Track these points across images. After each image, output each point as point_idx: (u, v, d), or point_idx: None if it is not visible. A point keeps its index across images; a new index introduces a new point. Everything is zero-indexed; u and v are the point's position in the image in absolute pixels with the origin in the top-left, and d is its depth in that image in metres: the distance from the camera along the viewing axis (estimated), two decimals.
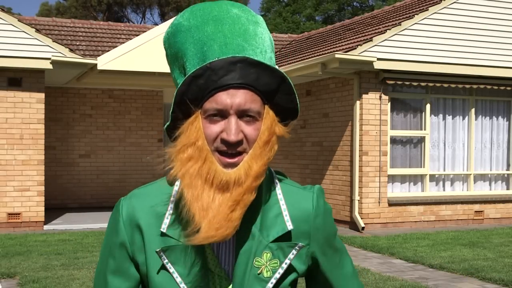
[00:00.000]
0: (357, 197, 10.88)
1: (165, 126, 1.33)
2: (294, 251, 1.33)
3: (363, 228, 10.75)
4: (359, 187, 10.87)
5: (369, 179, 10.87)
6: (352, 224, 11.04)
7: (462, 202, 11.68)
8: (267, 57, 1.32)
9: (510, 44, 11.75)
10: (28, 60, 10.40)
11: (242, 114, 1.25)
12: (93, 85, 13.80)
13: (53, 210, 13.03)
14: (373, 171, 10.91)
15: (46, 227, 10.92)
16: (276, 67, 1.31)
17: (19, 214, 10.62)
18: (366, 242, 9.49)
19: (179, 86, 1.28)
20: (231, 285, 1.31)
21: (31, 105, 10.65)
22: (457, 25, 11.39)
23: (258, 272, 1.30)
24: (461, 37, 11.40)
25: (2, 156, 10.50)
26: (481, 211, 11.84)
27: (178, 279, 1.29)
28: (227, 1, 1.35)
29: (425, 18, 11.16)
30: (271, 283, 1.30)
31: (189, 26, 1.31)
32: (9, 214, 10.56)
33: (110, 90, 14.47)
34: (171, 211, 1.33)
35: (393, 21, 11.98)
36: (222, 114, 1.25)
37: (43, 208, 10.78)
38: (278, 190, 1.38)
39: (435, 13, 11.26)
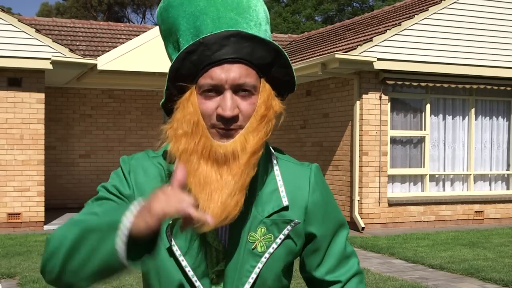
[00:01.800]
0: (357, 197, 10.88)
1: (161, 103, 1.32)
2: (289, 227, 1.32)
3: (363, 228, 10.76)
4: (359, 187, 10.87)
5: (369, 179, 10.87)
6: (352, 224, 11.04)
7: (462, 202, 11.68)
8: (262, 29, 1.31)
9: (510, 44, 11.75)
10: (28, 60, 10.39)
11: (238, 89, 1.24)
12: (93, 85, 13.80)
13: (53, 210, 13.03)
14: (373, 171, 10.91)
15: (46, 227, 10.92)
16: (271, 39, 1.29)
17: (19, 214, 10.62)
18: (366, 242, 9.49)
19: (172, 62, 1.27)
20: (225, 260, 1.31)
21: (31, 105, 10.65)
22: (457, 25, 11.39)
23: (252, 247, 1.30)
24: (461, 37, 11.40)
25: (2, 156, 10.50)
26: (481, 211, 11.84)
27: (178, 252, 1.29)
28: None
29: (425, 18, 11.15)
30: (265, 257, 1.30)
31: (181, 0, 1.30)
32: (9, 214, 10.56)
33: (110, 90, 14.47)
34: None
35: (393, 21, 11.98)
36: (217, 89, 1.24)
37: (43, 208, 10.78)
38: (276, 166, 1.36)
39: (435, 13, 11.26)
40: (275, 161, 1.37)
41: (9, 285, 6.62)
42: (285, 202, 1.32)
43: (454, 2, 11.40)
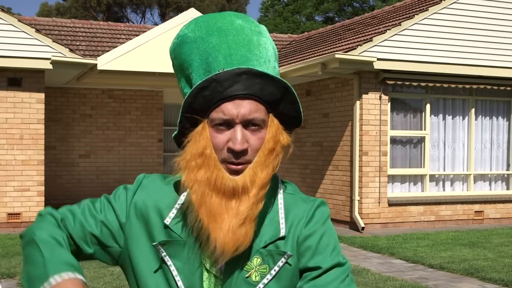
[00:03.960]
0: (357, 197, 10.88)
1: (173, 135, 1.36)
2: (283, 259, 1.33)
3: (363, 228, 10.75)
4: (359, 187, 10.87)
5: (369, 179, 10.88)
6: (352, 224, 11.04)
7: (462, 202, 11.68)
8: (271, 66, 1.36)
9: (510, 44, 11.75)
10: (28, 60, 10.39)
11: (247, 123, 1.29)
12: (93, 85, 13.80)
13: None
14: (373, 171, 10.91)
15: None
16: (279, 77, 1.34)
17: (19, 214, 10.62)
18: (366, 242, 9.49)
19: (185, 97, 1.31)
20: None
21: (31, 105, 10.65)
22: (457, 25, 11.39)
23: (247, 275, 1.32)
24: (461, 37, 11.40)
25: (2, 156, 10.50)
26: (481, 211, 11.84)
27: (175, 272, 1.32)
28: (231, 12, 1.39)
29: (425, 18, 11.16)
30: (259, 287, 1.32)
31: (194, 37, 1.35)
32: (9, 214, 10.56)
33: (110, 90, 14.47)
34: (177, 207, 1.36)
35: (393, 21, 11.98)
36: (228, 123, 1.29)
37: (43, 208, 10.76)
38: (281, 199, 1.39)
39: (435, 13, 11.26)
40: (280, 195, 1.40)
41: (9, 285, 6.62)
42: (282, 233, 1.34)
43: (454, 2, 11.40)
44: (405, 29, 11.01)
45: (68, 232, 1.37)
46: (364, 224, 10.78)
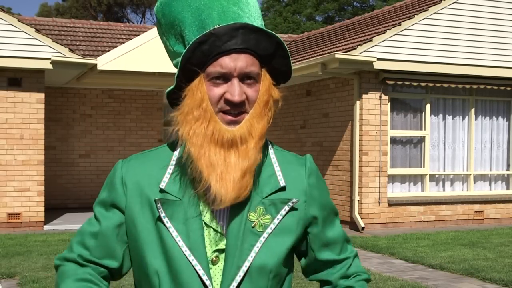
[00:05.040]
0: (357, 197, 10.88)
1: (167, 90, 1.38)
2: (286, 207, 1.37)
3: (363, 228, 10.75)
4: (359, 187, 10.87)
5: (369, 179, 10.87)
6: (352, 224, 11.04)
7: (462, 202, 11.68)
8: (259, 24, 1.40)
9: (510, 44, 11.75)
10: (28, 60, 10.39)
11: (244, 76, 1.33)
12: (93, 85, 13.80)
13: (53, 210, 13.03)
14: (373, 171, 10.91)
15: (46, 227, 10.92)
16: (272, 32, 1.39)
17: (19, 214, 10.62)
18: (366, 242, 9.49)
19: (184, 52, 1.34)
20: (225, 239, 1.35)
21: (31, 105, 10.65)
22: (457, 25, 11.39)
23: (252, 225, 1.35)
24: (461, 37, 11.39)
25: (2, 156, 10.50)
26: (481, 211, 11.84)
27: (175, 233, 1.34)
28: None
29: (425, 18, 11.15)
30: (263, 237, 1.34)
31: None
32: (9, 214, 10.56)
33: (110, 90, 14.48)
34: (170, 171, 1.38)
35: (393, 21, 11.98)
36: (225, 77, 1.33)
37: (43, 208, 10.78)
38: (272, 154, 1.45)
39: (435, 13, 11.26)
40: (271, 150, 1.46)
41: (9, 285, 6.62)
42: (282, 183, 1.39)
43: (454, 2, 11.40)
44: (405, 29, 11.01)
45: (91, 261, 1.40)
46: (364, 224, 10.78)
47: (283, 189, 1.39)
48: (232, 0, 1.37)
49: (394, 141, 11.35)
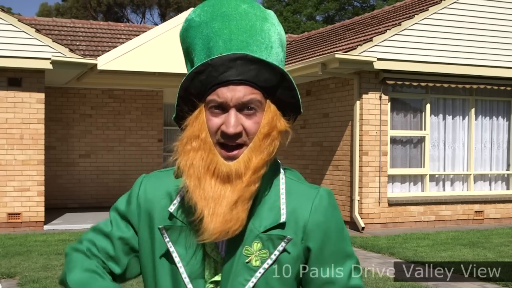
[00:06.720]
0: (357, 197, 10.88)
1: (173, 117, 1.39)
2: (283, 244, 1.33)
3: (363, 228, 10.75)
4: (359, 187, 10.87)
5: (369, 179, 10.87)
6: (352, 224, 11.04)
7: (462, 202, 11.68)
8: (273, 52, 1.35)
9: (510, 44, 11.74)
10: (28, 60, 10.39)
11: (243, 107, 1.30)
12: (93, 85, 13.80)
13: (53, 210, 13.03)
14: (373, 171, 10.90)
15: (46, 227, 10.92)
16: (276, 64, 1.33)
17: (19, 214, 10.62)
18: (366, 242, 9.49)
19: (182, 80, 1.33)
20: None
21: (31, 105, 10.65)
22: (457, 25, 11.39)
23: (247, 260, 1.32)
24: (461, 37, 11.39)
25: (2, 156, 10.50)
26: (481, 211, 11.84)
27: (177, 259, 1.34)
28: None
29: (425, 18, 11.15)
30: (259, 272, 1.32)
31: (199, 22, 1.37)
32: (9, 214, 10.56)
33: (110, 90, 14.47)
34: (177, 201, 1.38)
35: (393, 21, 11.98)
36: (223, 107, 1.30)
37: (43, 208, 10.78)
38: (282, 184, 1.38)
39: (435, 13, 11.26)
40: (282, 180, 1.39)
41: (9, 285, 6.62)
42: (283, 219, 1.34)
43: (454, 2, 11.40)
44: (405, 29, 11.01)
45: (98, 258, 1.42)
46: (364, 224, 10.78)
47: (282, 225, 1.33)
48: (244, 27, 1.33)
49: (394, 141, 11.35)
